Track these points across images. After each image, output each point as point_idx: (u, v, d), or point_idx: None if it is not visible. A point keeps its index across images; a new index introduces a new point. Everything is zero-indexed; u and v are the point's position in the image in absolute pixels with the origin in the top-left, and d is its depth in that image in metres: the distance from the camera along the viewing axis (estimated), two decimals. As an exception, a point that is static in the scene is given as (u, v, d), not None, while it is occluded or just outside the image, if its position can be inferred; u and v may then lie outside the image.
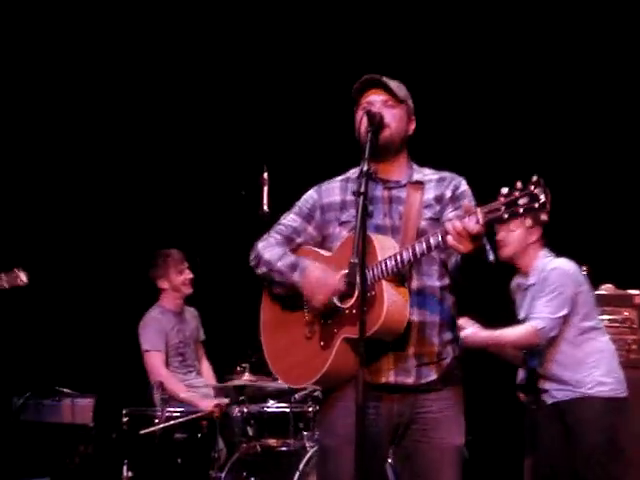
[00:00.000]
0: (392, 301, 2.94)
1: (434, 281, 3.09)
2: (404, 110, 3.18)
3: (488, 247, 2.99)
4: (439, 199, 3.14)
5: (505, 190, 2.69)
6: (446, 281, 3.12)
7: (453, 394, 3.11)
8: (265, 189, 5.40)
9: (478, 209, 2.74)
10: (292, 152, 6.31)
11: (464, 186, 3.18)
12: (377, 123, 3.03)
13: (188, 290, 5.53)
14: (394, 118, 3.12)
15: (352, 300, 2.97)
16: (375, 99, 3.15)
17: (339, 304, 3.02)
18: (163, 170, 6.66)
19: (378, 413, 3.03)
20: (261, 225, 3.83)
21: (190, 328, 5.54)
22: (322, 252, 3.18)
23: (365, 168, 2.91)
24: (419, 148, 3.30)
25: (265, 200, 5.37)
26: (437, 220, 3.10)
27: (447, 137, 6.04)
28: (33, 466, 5.41)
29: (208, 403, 5.00)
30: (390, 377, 3.03)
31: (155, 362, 5.29)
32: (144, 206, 6.60)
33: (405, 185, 3.16)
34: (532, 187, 2.64)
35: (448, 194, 3.14)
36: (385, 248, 3.00)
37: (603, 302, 5.13)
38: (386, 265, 2.94)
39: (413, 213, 3.09)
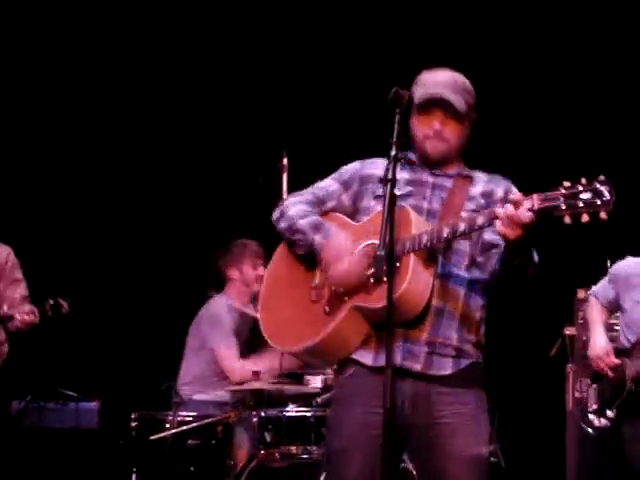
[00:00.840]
0: (416, 276, 2.87)
1: (462, 271, 3.00)
2: (466, 125, 3.10)
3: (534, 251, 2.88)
4: (487, 194, 3.07)
5: (567, 183, 2.61)
6: (475, 275, 3.01)
7: (473, 398, 3.01)
8: (284, 176, 5.38)
9: (534, 195, 2.66)
10: (313, 136, 6.29)
11: (516, 191, 3.01)
12: (406, 103, 2.90)
13: (257, 287, 5.49)
14: (454, 134, 3.08)
15: (371, 270, 2.88)
16: (439, 127, 3.06)
17: None
18: (178, 159, 6.68)
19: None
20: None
21: (247, 327, 5.41)
22: (350, 221, 3.12)
23: (393, 153, 2.82)
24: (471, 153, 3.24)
25: (285, 188, 5.36)
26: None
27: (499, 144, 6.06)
28: (35, 475, 5.45)
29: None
30: (396, 359, 2.87)
31: (228, 358, 5.22)
32: (158, 199, 6.64)
33: (452, 176, 3.10)
34: (597, 184, 2.59)
35: (500, 193, 3.06)
36: (421, 225, 2.92)
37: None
38: (420, 238, 2.87)
39: (456, 203, 3.02)
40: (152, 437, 4.73)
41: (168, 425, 4.77)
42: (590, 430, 4.53)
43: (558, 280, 4.88)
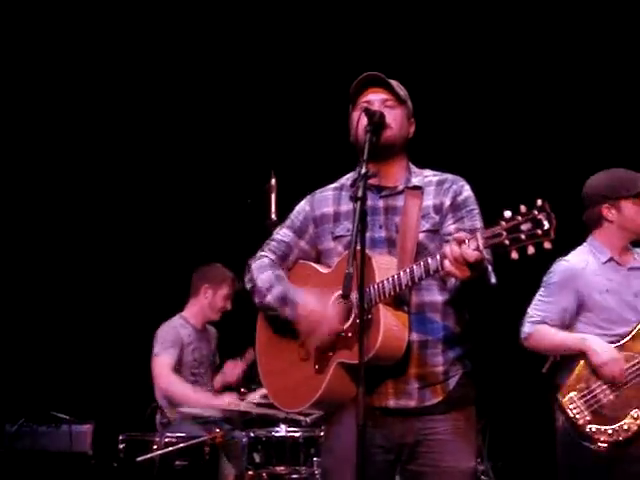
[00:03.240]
0: (390, 326, 2.95)
1: (435, 295, 3.06)
2: (405, 111, 3.17)
3: (491, 269, 2.94)
4: (438, 209, 3.11)
5: (508, 214, 2.65)
6: (447, 294, 3.06)
7: (462, 415, 3.08)
8: (273, 197, 5.41)
9: (478, 234, 2.71)
10: (301, 156, 6.30)
11: (466, 192, 3.13)
12: (377, 121, 3.01)
13: (216, 316, 5.54)
14: (395, 118, 3.12)
15: (348, 323, 3.00)
16: (374, 98, 3.13)
17: None
18: (166, 178, 6.69)
19: (380, 433, 3.01)
20: (269, 235, 3.84)
21: (209, 348, 5.54)
22: (320, 268, 3.19)
23: (363, 171, 2.90)
24: (419, 152, 3.29)
25: (273, 208, 5.39)
26: (436, 232, 3.07)
27: (450, 141, 6.08)
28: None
29: (223, 399, 5.01)
30: (390, 401, 3.02)
31: (162, 366, 5.26)
32: (145, 218, 6.65)
33: (402, 192, 3.13)
34: (536, 212, 2.61)
35: (447, 202, 3.11)
36: (383, 268, 2.98)
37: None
38: (384, 287, 2.93)
39: (410, 225, 3.06)
40: (139, 458, 4.72)
41: (155, 446, 4.78)
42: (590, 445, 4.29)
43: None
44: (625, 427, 3.98)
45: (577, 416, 4.07)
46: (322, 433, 4.74)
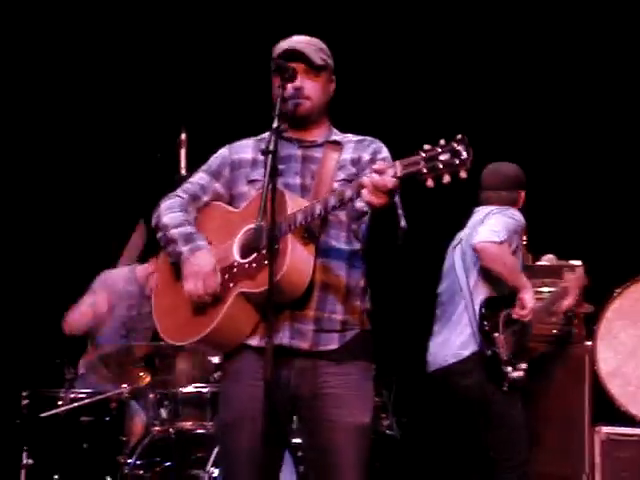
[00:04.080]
0: (296, 257, 2.94)
1: (341, 244, 3.09)
2: (325, 77, 3.19)
3: (401, 212, 3.01)
4: (356, 161, 3.15)
5: (427, 146, 2.71)
6: (355, 246, 3.11)
7: (359, 369, 3.10)
8: (183, 151, 5.37)
9: (397, 162, 2.76)
10: (212, 111, 6.26)
11: (385, 152, 3.17)
12: (289, 76, 3.01)
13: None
14: (314, 89, 3.15)
15: (253, 255, 2.98)
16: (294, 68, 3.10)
17: (239, 259, 3.03)
18: (76, 132, 6.57)
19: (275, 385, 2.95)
20: (178, 190, 3.80)
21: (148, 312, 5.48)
22: (230, 208, 3.18)
23: (275, 125, 2.90)
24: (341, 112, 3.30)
25: (183, 163, 5.35)
26: (350, 182, 3.05)
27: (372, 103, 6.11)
28: None
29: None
30: (284, 339, 3.00)
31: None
32: (56, 171, 6.53)
33: (321, 145, 3.17)
34: (455, 144, 2.69)
35: (366, 157, 3.15)
36: (296, 204, 2.99)
37: (545, 273, 5.27)
38: (295, 218, 2.94)
39: (326, 173, 3.10)
40: (43, 414, 4.67)
41: (60, 402, 4.74)
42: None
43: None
44: None
45: None
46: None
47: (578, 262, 5.15)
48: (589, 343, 5.27)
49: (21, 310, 5.93)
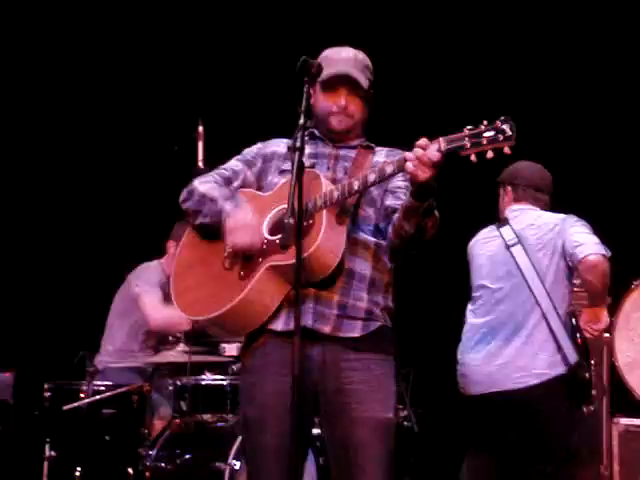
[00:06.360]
0: (328, 234, 2.94)
1: (369, 236, 3.12)
2: (368, 95, 3.24)
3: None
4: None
5: (470, 126, 2.77)
6: (381, 242, 3.14)
7: (380, 365, 3.10)
8: (200, 144, 5.39)
9: (441, 138, 2.80)
10: (229, 104, 6.28)
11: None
12: (315, 72, 3.01)
13: None
14: (358, 108, 3.21)
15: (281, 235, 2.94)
16: (346, 103, 3.16)
17: (269, 236, 3.04)
18: (94, 125, 6.62)
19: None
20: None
21: None
22: (260, 193, 3.21)
23: (302, 121, 2.92)
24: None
25: (200, 156, 5.37)
26: (381, 182, 3.08)
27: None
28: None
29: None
30: (308, 321, 3.00)
31: (149, 301, 5.25)
32: (74, 167, 6.56)
33: (355, 147, 3.23)
34: (499, 122, 2.74)
35: None
36: (330, 184, 3.03)
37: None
38: (331, 194, 2.97)
39: (359, 170, 3.12)
40: (65, 407, 4.73)
41: (82, 395, 4.79)
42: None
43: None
44: None
45: None
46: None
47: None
48: (607, 335, 5.28)
49: (43, 304, 5.97)
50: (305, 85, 3.04)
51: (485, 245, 4.42)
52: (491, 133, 2.74)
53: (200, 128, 5.41)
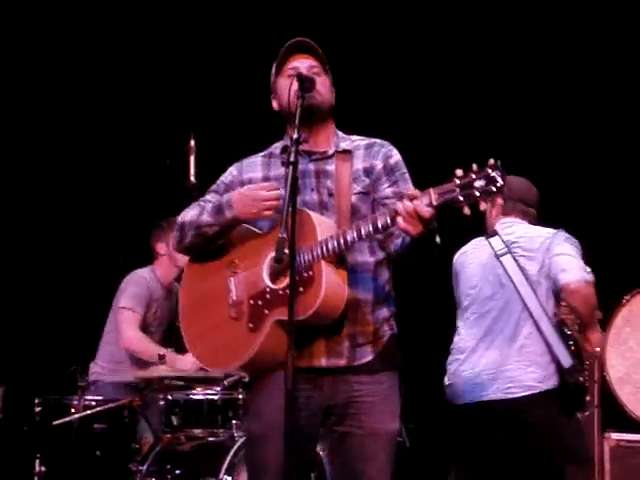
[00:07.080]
0: (331, 284, 2.96)
1: (366, 257, 3.13)
2: (330, 78, 3.25)
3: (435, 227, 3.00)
4: (369, 171, 3.18)
5: (460, 172, 2.72)
6: (379, 256, 3.15)
7: (388, 378, 3.16)
8: (192, 158, 5.39)
9: (431, 190, 2.77)
10: (220, 117, 6.31)
11: (396, 155, 3.22)
12: (308, 87, 3.05)
13: (183, 263, 5.49)
14: (323, 85, 3.19)
15: (286, 280, 2.97)
16: (301, 64, 3.19)
17: (271, 285, 3.04)
18: (85, 138, 6.62)
19: (308, 397, 3.05)
20: (188, 197, 3.84)
21: (169, 308, 5.46)
22: (254, 229, 3.18)
23: (295, 135, 2.94)
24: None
25: (192, 170, 5.37)
26: (367, 194, 3.15)
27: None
28: None
29: (187, 360, 4.87)
30: (322, 361, 3.07)
31: (127, 320, 5.24)
32: (67, 180, 6.56)
33: (332, 156, 3.21)
34: (489, 170, 2.70)
35: (379, 165, 3.18)
36: (324, 228, 3.01)
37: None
38: (327, 245, 2.95)
39: (342, 189, 3.13)
40: (56, 422, 4.72)
41: (73, 410, 4.78)
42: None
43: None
44: None
45: None
46: (240, 396, 4.82)
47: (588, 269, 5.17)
48: (598, 349, 5.29)
49: (34, 318, 5.95)
50: (298, 100, 3.06)
51: (474, 256, 4.42)
52: (482, 182, 2.68)
53: (192, 142, 5.41)
